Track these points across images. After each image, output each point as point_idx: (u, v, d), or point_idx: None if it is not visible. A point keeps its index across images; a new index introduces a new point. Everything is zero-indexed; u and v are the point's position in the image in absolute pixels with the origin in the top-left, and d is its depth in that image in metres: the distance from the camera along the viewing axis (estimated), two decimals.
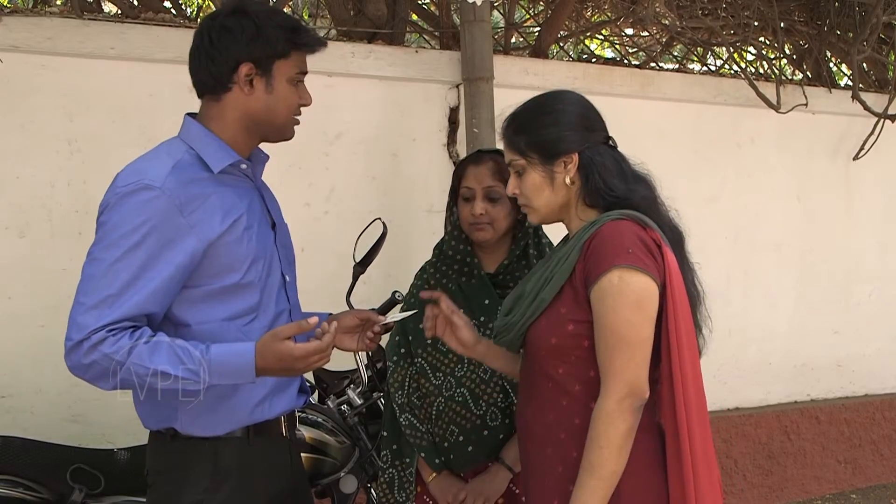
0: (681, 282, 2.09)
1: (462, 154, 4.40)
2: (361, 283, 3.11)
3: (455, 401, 2.74)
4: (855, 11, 5.68)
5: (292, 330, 2.03)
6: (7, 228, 3.60)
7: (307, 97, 2.31)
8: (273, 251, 2.30)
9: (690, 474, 2.03)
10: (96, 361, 1.99)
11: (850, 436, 5.77)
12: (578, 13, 6.09)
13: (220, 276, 2.14)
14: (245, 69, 2.17)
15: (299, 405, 2.39)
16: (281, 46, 2.19)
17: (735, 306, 5.39)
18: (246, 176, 2.29)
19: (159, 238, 2.04)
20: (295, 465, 2.41)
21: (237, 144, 2.23)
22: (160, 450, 2.24)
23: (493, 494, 2.69)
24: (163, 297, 2.07)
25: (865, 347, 5.96)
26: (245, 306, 2.19)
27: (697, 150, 5.28)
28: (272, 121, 2.24)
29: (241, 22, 2.17)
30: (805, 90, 5.51)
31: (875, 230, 5.96)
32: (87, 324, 1.99)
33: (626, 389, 2.00)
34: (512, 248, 2.80)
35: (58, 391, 3.62)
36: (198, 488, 2.18)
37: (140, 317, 2.05)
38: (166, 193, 2.05)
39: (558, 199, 2.20)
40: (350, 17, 4.73)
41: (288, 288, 2.35)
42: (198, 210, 2.09)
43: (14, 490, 2.71)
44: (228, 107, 2.21)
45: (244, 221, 2.18)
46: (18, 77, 3.61)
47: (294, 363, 2.04)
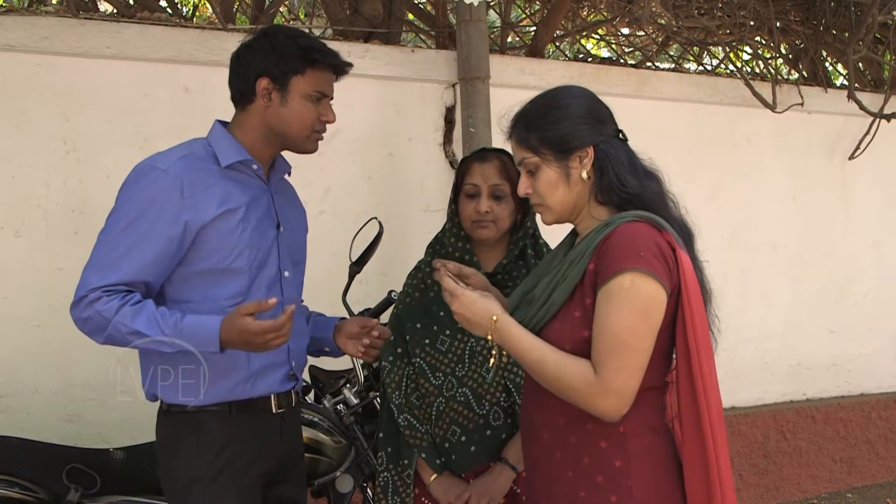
0: (696, 284, 2.06)
1: (458, 154, 4.40)
2: (357, 283, 3.11)
3: (456, 401, 2.73)
4: (850, 11, 5.68)
5: (252, 307, 2.24)
6: (2, 228, 3.59)
7: (328, 114, 2.51)
8: (272, 246, 2.51)
9: (717, 479, 2.01)
10: (90, 317, 2.30)
11: (846, 435, 5.78)
12: (574, 13, 6.09)
13: (210, 258, 2.39)
14: (264, 83, 2.43)
15: (286, 389, 2.58)
16: (295, 63, 2.43)
17: (731, 305, 5.34)
18: (258, 177, 2.52)
19: (159, 213, 2.32)
20: (288, 443, 2.62)
21: (255, 149, 2.49)
22: (158, 425, 2.52)
23: (497, 495, 2.68)
24: (157, 267, 2.35)
25: (861, 347, 5.97)
26: (233, 290, 2.43)
27: (693, 150, 5.28)
28: (286, 131, 2.48)
29: (262, 42, 2.46)
30: (801, 90, 5.52)
31: (871, 230, 5.96)
32: (88, 283, 2.30)
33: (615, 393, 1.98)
34: (510, 249, 2.79)
35: (54, 391, 3.62)
36: (184, 457, 2.45)
37: (137, 283, 2.34)
38: (170, 175, 2.34)
39: (573, 196, 2.15)
40: (346, 16, 4.73)
41: (284, 282, 2.55)
42: (198, 194, 2.36)
43: (10, 490, 2.70)
44: (251, 116, 2.48)
45: (240, 213, 2.42)
46: (14, 76, 3.61)
47: (252, 338, 2.24)
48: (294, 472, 2.68)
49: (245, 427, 2.48)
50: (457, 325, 2.69)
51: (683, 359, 2.04)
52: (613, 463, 2.07)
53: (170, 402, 2.45)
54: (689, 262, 2.06)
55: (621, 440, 2.07)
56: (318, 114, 2.49)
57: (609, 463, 2.07)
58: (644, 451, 2.08)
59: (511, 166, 2.65)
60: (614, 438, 2.07)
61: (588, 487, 2.08)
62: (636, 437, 2.08)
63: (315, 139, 2.54)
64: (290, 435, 2.63)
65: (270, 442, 2.54)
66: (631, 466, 2.06)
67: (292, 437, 2.66)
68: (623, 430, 2.07)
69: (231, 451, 2.45)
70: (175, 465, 2.46)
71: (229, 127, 2.52)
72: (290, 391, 2.59)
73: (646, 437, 2.09)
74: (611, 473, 2.07)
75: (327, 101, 2.51)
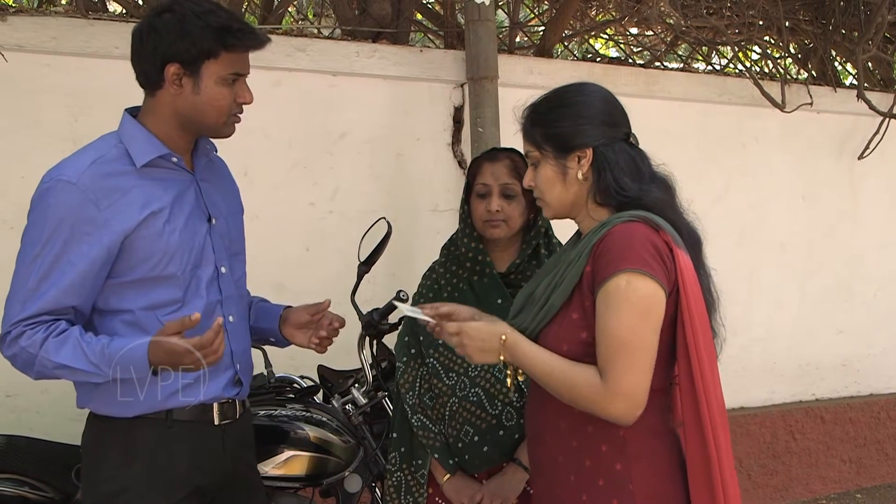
0: (695, 283, 2.05)
1: (467, 153, 4.40)
2: (366, 283, 3.11)
3: (469, 401, 2.73)
4: (860, 10, 5.66)
5: (175, 326, 2.07)
6: (12, 228, 3.59)
7: (245, 95, 2.29)
8: (204, 243, 2.32)
9: (719, 482, 2.00)
10: (16, 354, 2.14)
11: (855, 435, 5.76)
12: (583, 12, 6.09)
13: (138, 268, 2.20)
14: (172, 69, 2.19)
15: (229, 396, 2.39)
16: (208, 46, 2.19)
17: (739, 306, 5.38)
18: (181, 168, 2.31)
19: (73, 232, 2.13)
20: (233, 454, 2.41)
21: (171, 139, 2.27)
22: (86, 427, 2.35)
23: (510, 495, 2.68)
24: (80, 290, 2.15)
25: (870, 347, 5.95)
26: (167, 297, 2.24)
27: (702, 150, 5.27)
28: (202, 120, 2.26)
29: (168, 22, 2.19)
30: (810, 89, 5.50)
31: (880, 229, 5.94)
32: (10, 317, 2.14)
33: (623, 396, 1.96)
34: (523, 248, 2.79)
35: (62, 390, 3.60)
36: (111, 465, 2.26)
37: (63, 309, 2.15)
38: (80, 188, 2.14)
39: (570, 194, 2.15)
40: (354, 16, 4.74)
41: (222, 280, 2.37)
42: (115, 204, 2.16)
43: (19, 489, 2.71)
44: (161, 104, 2.26)
45: (164, 215, 2.22)
46: (23, 77, 3.62)
47: (180, 358, 2.08)
48: (247, 489, 2.51)
49: (179, 437, 2.29)
50: None
51: (684, 360, 2.03)
52: (614, 466, 2.07)
53: (102, 413, 2.29)
54: (689, 263, 2.05)
55: (622, 444, 2.07)
56: (234, 97, 2.26)
57: (610, 466, 2.07)
58: (645, 454, 2.07)
59: (522, 165, 2.64)
60: (615, 442, 2.07)
61: (590, 491, 2.08)
62: (637, 441, 2.07)
63: (233, 122, 2.31)
64: (236, 447, 2.42)
65: (212, 454, 2.34)
66: (632, 470, 2.06)
67: (240, 450, 2.46)
68: (623, 434, 2.06)
69: (164, 463, 2.26)
70: (100, 474, 2.27)
71: (141, 116, 2.29)
72: (234, 400, 2.41)
73: (647, 440, 2.08)
74: (612, 477, 2.06)
75: (243, 81, 2.28)
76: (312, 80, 4.13)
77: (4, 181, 3.60)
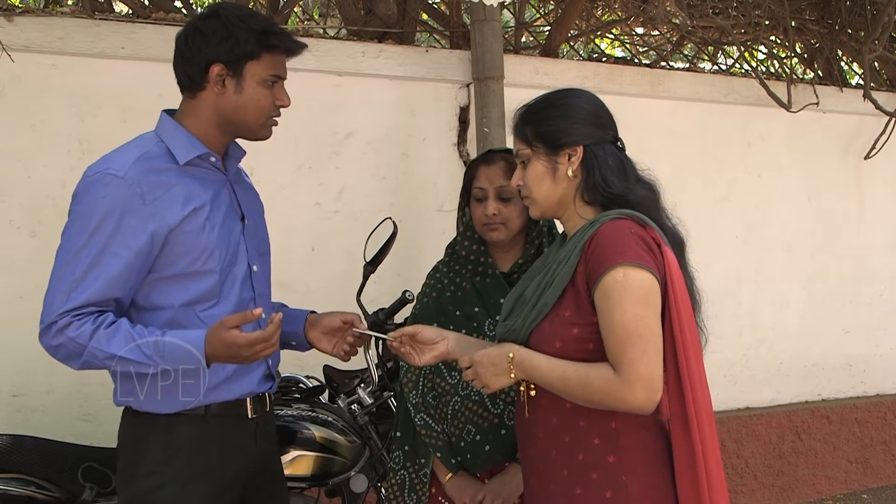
0: (681, 279, 2.09)
1: (472, 153, 4.40)
2: (372, 283, 3.11)
3: (471, 400, 2.73)
4: (866, 10, 5.66)
5: (237, 320, 2.13)
6: (18, 228, 3.61)
7: (284, 98, 2.38)
8: (239, 242, 2.39)
9: (704, 476, 2.02)
10: (63, 344, 2.17)
11: (862, 436, 5.76)
12: (589, 12, 6.08)
13: (179, 262, 2.25)
14: (216, 69, 2.28)
15: (263, 390, 2.46)
16: (251, 48, 2.29)
17: (745, 306, 5.38)
18: (217, 169, 2.39)
19: (120, 225, 2.17)
20: (263, 446, 2.49)
21: (209, 139, 2.35)
22: (124, 424, 2.37)
23: (511, 494, 2.67)
24: (125, 282, 2.20)
25: (876, 347, 5.94)
26: (204, 293, 2.30)
27: (708, 150, 5.26)
28: (242, 120, 2.35)
29: (213, 25, 2.29)
30: (816, 89, 5.49)
31: (886, 229, 5.93)
32: (54, 308, 2.17)
33: (640, 383, 1.98)
34: (526, 248, 2.78)
35: (69, 390, 3.63)
36: (152, 460, 2.29)
37: (106, 301, 2.19)
38: (128, 182, 2.18)
39: (558, 191, 2.19)
40: (360, 16, 4.74)
41: (254, 277, 2.44)
42: (159, 199, 2.21)
43: (26, 489, 2.71)
44: (202, 104, 2.33)
45: (205, 212, 2.29)
46: (30, 77, 3.63)
47: (240, 351, 2.13)
48: (272, 480, 2.57)
49: (216, 431, 2.34)
50: (473, 323, 2.71)
51: (670, 354, 2.05)
52: (607, 459, 2.09)
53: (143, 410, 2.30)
54: (675, 259, 2.09)
55: (614, 436, 2.09)
56: (273, 99, 2.35)
57: (603, 459, 2.09)
58: (636, 446, 2.09)
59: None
60: (607, 435, 2.09)
61: (583, 484, 2.10)
62: (628, 433, 2.09)
63: (270, 125, 2.41)
64: (265, 440, 2.51)
65: (245, 447, 2.42)
66: (625, 461, 2.08)
67: (268, 442, 2.54)
68: (615, 426, 2.09)
69: (202, 457, 2.31)
70: (139, 469, 2.29)
71: (178, 116, 2.37)
72: (265, 394, 2.48)
73: (637, 432, 2.10)
74: (605, 469, 2.09)
75: (282, 85, 2.38)
76: (318, 80, 4.13)
77: (11, 181, 3.62)
